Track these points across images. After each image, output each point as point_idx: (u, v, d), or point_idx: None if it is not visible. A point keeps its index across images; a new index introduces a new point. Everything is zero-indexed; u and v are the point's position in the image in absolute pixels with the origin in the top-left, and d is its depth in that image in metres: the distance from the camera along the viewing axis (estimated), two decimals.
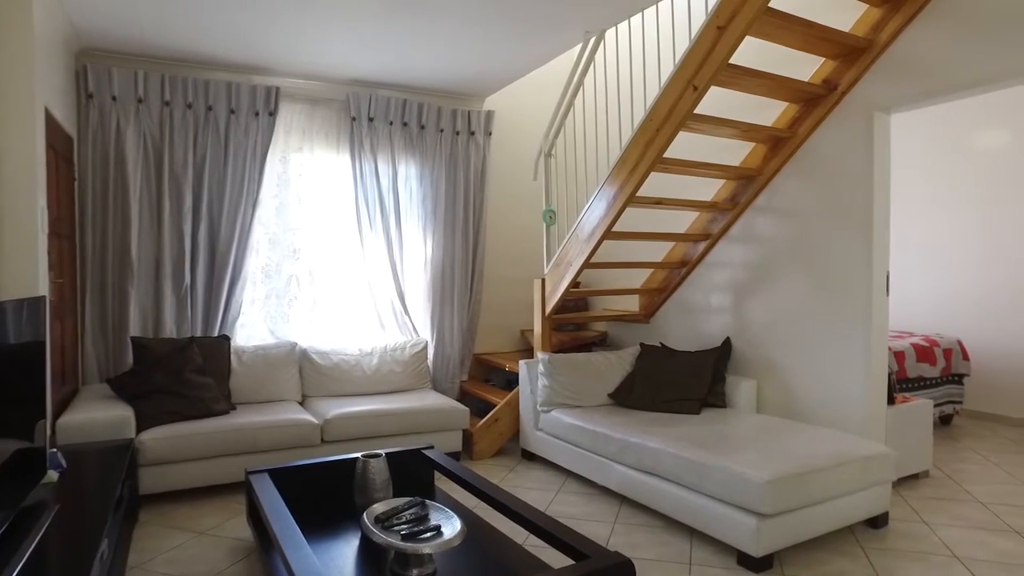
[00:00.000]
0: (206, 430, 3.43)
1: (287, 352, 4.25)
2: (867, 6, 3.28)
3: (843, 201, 3.45)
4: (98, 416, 3.19)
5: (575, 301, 5.38)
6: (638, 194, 3.62)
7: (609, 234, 3.75)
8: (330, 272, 4.71)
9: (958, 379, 4.92)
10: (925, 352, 4.63)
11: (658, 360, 4.06)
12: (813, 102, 3.53)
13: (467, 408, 4.17)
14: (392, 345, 4.65)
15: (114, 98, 3.93)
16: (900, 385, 4.49)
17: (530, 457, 4.26)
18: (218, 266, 4.20)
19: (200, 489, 3.64)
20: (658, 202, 3.70)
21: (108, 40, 3.83)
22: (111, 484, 2.46)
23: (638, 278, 4.96)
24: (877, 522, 3.06)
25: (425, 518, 2.36)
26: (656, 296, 4.65)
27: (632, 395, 3.91)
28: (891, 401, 3.56)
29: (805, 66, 3.58)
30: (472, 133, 5.07)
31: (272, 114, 4.32)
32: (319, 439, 3.74)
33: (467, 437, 4.32)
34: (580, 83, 3.99)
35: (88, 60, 3.98)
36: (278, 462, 3.54)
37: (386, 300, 4.80)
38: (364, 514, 2.33)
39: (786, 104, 3.70)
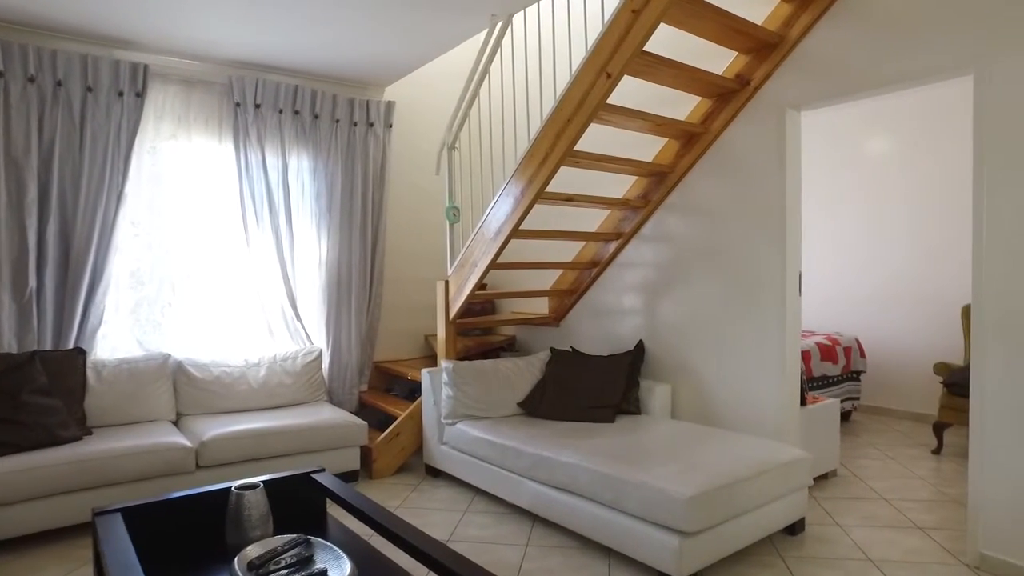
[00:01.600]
0: (48, 462, 2.90)
1: (158, 365, 3.74)
2: (778, 1, 3.21)
3: (756, 199, 3.37)
4: None
5: (482, 304, 5.12)
6: (547, 189, 3.40)
7: (516, 232, 3.51)
8: (211, 275, 4.21)
9: (856, 376, 5.04)
10: (828, 351, 4.70)
11: (569, 366, 3.86)
12: (726, 97, 3.44)
13: (365, 422, 3.82)
14: (282, 355, 4.22)
15: None
16: (806, 384, 4.52)
17: (435, 473, 3.96)
18: (73, 268, 3.63)
19: (43, 535, 3.10)
20: (569, 199, 3.50)
21: None
22: None
23: (548, 279, 4.76)
24: (794, 528, 2.97)
25: (309, 560, 2.03)
26: (566, 298, 4.46)
27: (543, 404, 3.69)
28: (803, 402, 3.52)
29: (718, 61, 3.49)
30: (371, 124, 4.71)
31: (140, 95, 3.80)
32: (193, 465, 3.28)
33: (366, 454, 3.96)
34: (486, 71, 3.74)
35: None
36: (143, 495, 3.07)
37: (275, 305, 4.35)
38: (235, 560, 1.96)
39: (699, 99, 3.59)
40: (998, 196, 2.58)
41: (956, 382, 4.17)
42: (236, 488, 2.33)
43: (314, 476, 2.81)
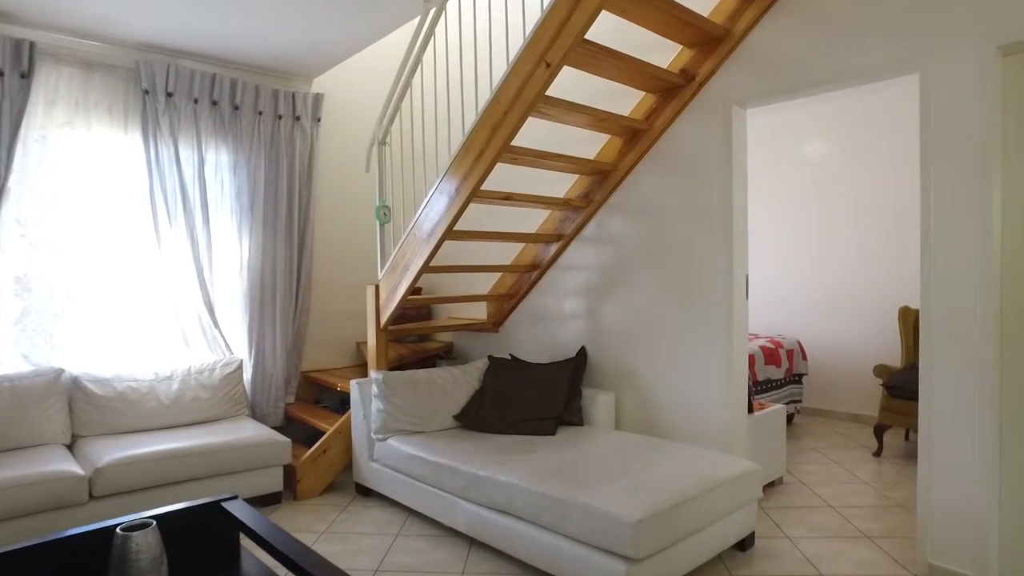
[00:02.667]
0: None
1: (49, 382, 3.34)
2: None
3: (702, 199, 3.24)
4: None
5: (417, 309, 4.86)
6: (483, 187, 3.19)
7: (451, 233, 3.28)
8: (115, 279, 3.81)
9: (798, 379, 5.00)
10: (771, 354, 4.64)
11: (508, 374, 3.65)
12: (671, 93, 3.30)
13: (288, 439, 3.51)
14: (198, 366, 3.86)
15: None
16: (752, 389, 4.45)
17: (366, 492, 3.68)
18: None
19: None
20: (506, 197, 3.29)
21: None
22: None
23: (486, 283, 4.54)
24: (744, 544, 2.84)
25: None
26: (505, 303, 4.25)
27: (480, 416, 3.46)
28: (750, 409, 3.41)
29: (662, 55, 3.34)
30: (297, 118, 4.39)
31: (25, 76, 3.38)
32: (86, 495, 2.91)
33: (291, 473, 3.65)
34: (419, 60, 3.49)
35: None
36: (19, 536, 2.69)
37: (191, 312, 3.99)
38: None
39: (643, 94, 3.44)
40: (945, 195, 2.51)
41: (896, 384, 4.15)
42: (122, 529, 2.02)
43: (225, 505, 2.51)
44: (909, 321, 4.58)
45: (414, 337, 4.89)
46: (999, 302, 2.43)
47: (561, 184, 3.89)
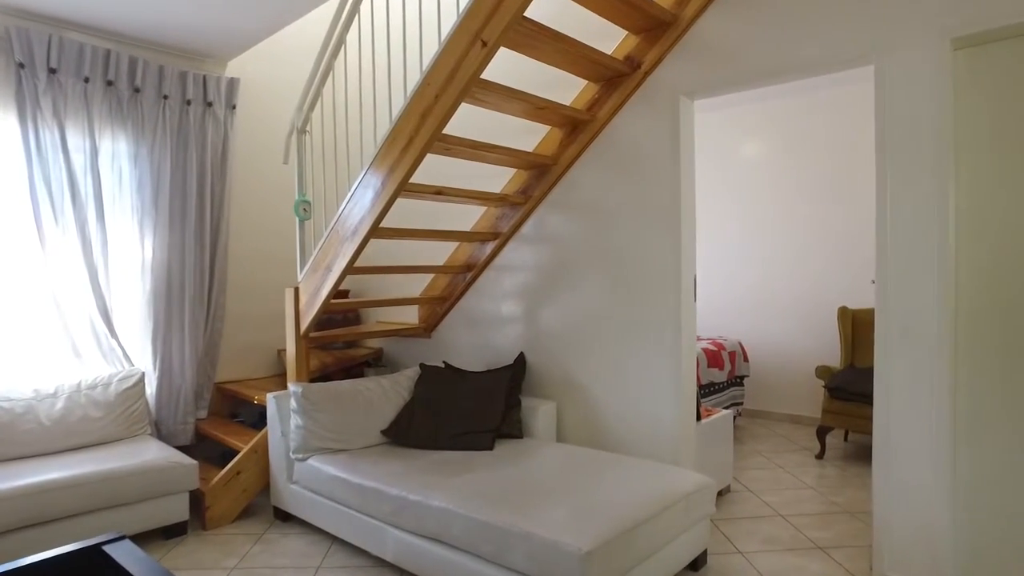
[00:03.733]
0: None
1: None
2: None
3: (648, 195, 3.05)
4: None
5: (344, 314, 4.52)
6: (413, 181, 2.91)
7: (377, 231, 2.98)
8: None
9: (740, 381, 4.92)
10: (715, 356, 4.53)
11: (442, 384, 3.37)
12: (614, 82, 3.10)
13: (194, 462, 3.12)
14: (90, 381, 3.42)
15: None
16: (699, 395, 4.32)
17: (285, 517, 3.33)
18: None
19: None
20: (438, 192, 3.01)
21: None
22: None
23: (418, 285, 4.25)
24: (697, 563, 2.66)
25: None
26: (438, 306, 3.97)
27: (411, 431, 3.17)
28: (698, 417, 3.25)
29: (606, 42, 3.13)
30: (209, 104, 3.97)
31: None
32: None
33: (199, 499, 3.26)
34: (342, 40, 3.17)
35: None
36: None
37: (83, 319, 3.53)
38: None
39: (585, 83, 3.23)
40: (900, 191, 2.39)
41: (838, 386, 4.10)
42: None
43: (106, 549, 2.14)
44: (848, 321, 4.56)
45: (341, 344, 4.54)
46: (955, 301, 2.32)
47: (498, 179, 3.64)
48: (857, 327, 4.54)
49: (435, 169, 3.95)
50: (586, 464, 2.73)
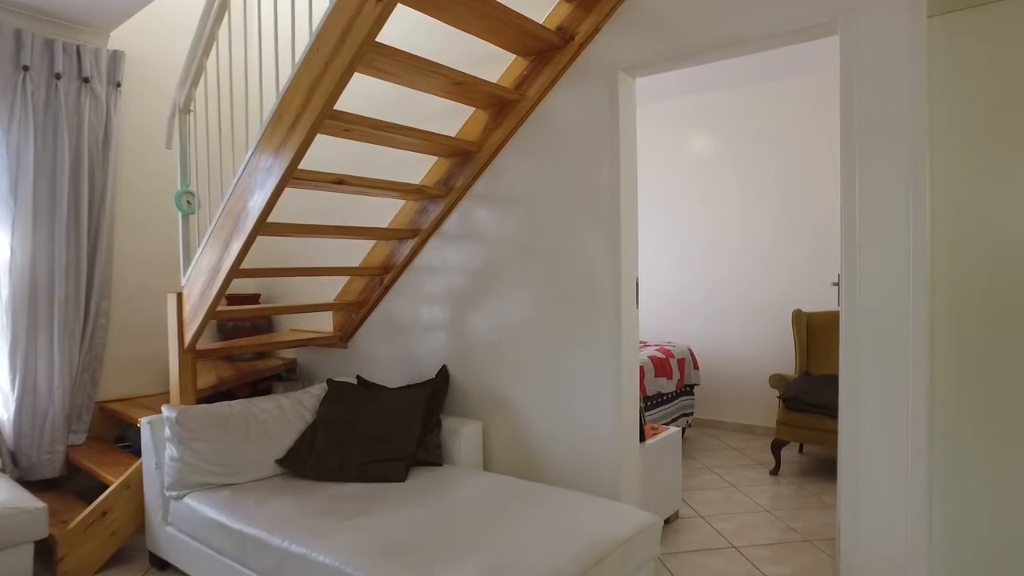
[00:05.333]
0: None
1: None
2: None
3: (584, 186, 2.66)
4: None
5: (253, 320, 4.01)
6: (306, 167, 2.46)
7: (265, 227, 2.51)
8: None
9: (690, 390, 4.59)
10: (662, 365, 4.18)
11: (351, 403, 2.92)
12: (546, 56, 2.69)
13: (43, 504, 2.59)
14: None
15: None
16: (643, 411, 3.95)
17: (162, 565, 2.82)
18: None
19: None
20: (339, 181, 2.56)
21: None
22: None
23: (334, 289, 3.76)
24: None
25: None
26: (354, 312, 3.51)
27: (312, 459, 2.71)
28: (642, 437, 2.87)
29: (535, 12, 2.72)
30: (86, 80, 3.42)
31: None
32: None
33: (51, 546, 2.73)
34: (225, 6, 2.69)
35: None
36: None
37: None
38: None
39: (513, 58, 2.81)
40: (870, 177, 2.05)
41: (794, 396, 3.79)
42: None
43: None
44: (803, 325, 4.27)
45: (250, 355, 4.03)
46: (931, 305, 1.99)
47: (422, 168, 3.19)
48: (813, 332, 4.26)
49: (335, 155, 3.48)
50: (510, 500, 2.31)
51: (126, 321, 3.74)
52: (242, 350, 3.33)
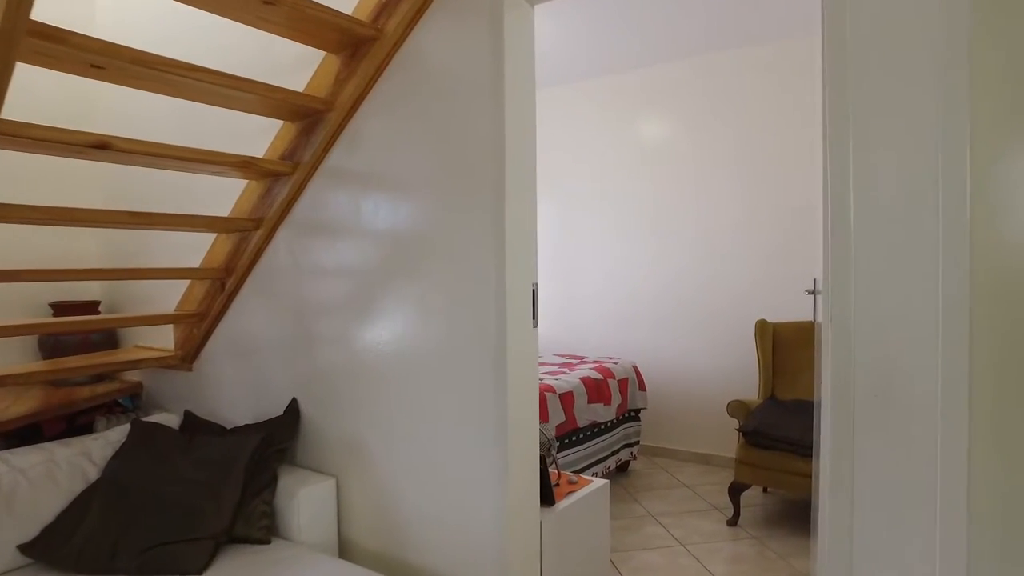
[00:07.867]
0: None
1: None
2: None
3: (462, 154, 1.91)
4: None
5: (86, 335, 3.18)
6: (73, 127, 1.68)
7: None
8: None
9: (635, 415, 3.88)
10: (598, 387, 3.45)
11: (155, 454, 2.13)
12: None
13: None
14: None
15: None
16: (567, 439, 3.22)
17: None
18: None
19: None
20: (100, 145, 1.77)
21: None
22: None
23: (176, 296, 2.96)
24: None
25: None
26: (196, 325, 2.72)
27: (73, 543, 1.91)
28: (550, 500, 2.13)
29: None
30: None
31: None
32: None
33: None
34: None
35: None
36: None
37: None
38: None
39: None
40: (877, 146, 1.33)
41: (756, 429, 3.09)
42: None
43: None
44: (768, 339, 3.58)
45: (87, 378, 3.20)
46: (969, 329, 1.28)
47: (257, 139, 2.40)
48: (780, 347, 3.57)
49: (180, 126, 2.69)
50: None
51: None
52: (51, 375, 2.52)
